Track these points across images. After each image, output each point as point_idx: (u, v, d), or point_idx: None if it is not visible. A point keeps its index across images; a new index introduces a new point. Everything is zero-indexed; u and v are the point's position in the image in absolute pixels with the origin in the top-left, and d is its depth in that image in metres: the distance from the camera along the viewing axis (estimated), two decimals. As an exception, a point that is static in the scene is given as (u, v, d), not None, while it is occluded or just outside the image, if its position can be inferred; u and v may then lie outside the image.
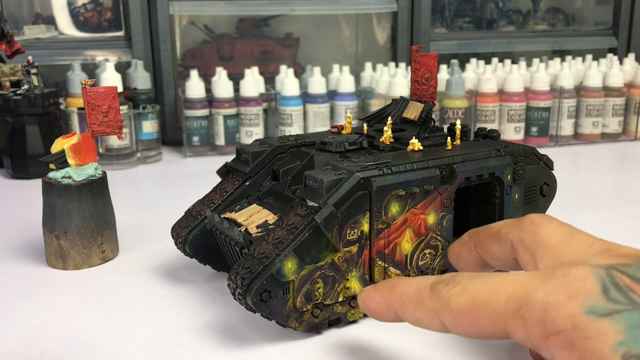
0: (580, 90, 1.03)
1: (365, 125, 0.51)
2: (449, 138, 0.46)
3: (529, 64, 1.13)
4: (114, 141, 0.90)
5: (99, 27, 1.07)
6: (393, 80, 0.95)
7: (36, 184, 0.57)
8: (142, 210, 0.69)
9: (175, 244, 0.48)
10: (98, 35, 1.07)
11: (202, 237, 0.46)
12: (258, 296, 0.36)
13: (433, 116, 0.49)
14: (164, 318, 0.43)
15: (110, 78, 0.90)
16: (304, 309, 0.38)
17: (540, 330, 0.24)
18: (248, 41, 1.13)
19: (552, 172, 0.49)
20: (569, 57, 1.16)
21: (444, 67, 1.06)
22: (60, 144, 0.51)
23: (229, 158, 0.88)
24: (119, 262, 0.54)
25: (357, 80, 1.09)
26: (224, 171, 0.50)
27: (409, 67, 1.05)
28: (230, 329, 0.41)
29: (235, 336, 0.40)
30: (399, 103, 0.51)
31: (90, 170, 0.52)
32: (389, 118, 0.48)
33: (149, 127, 0.95)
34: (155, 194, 0.79)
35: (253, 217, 0.43)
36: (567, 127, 1.02)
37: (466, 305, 0.26)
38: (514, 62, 1.09)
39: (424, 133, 0.47)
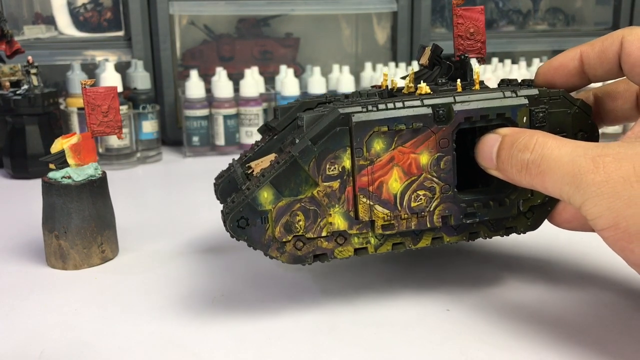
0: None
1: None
2: (459, 80, 0.44)
3: (529, 64, 1.13)
4: (114, 141, 0.90)
5: (98, 27, 1.07)
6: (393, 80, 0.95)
7: (36, 184, 0.57)
8: (142, 210, 0.69)
9: (215, 193, 0.52)
10: (98, 35, 1.07)
11: (230, 185, 0.50)
12: (235, 222, 0.39)
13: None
14: (165, 317, 0.43)
15: (110, 78, 0.90)
16: (284, 240, 0.39)
17: None
18: (248, 41, 1.13)
19: (591, 120, 0.45)
20: (569, 57, 1.16)
21: (444, 67, 1.05)
22: (60, 144, 0.51)
23: (229, 158, 0.88)
24: (119, 262, 0.54)
25: (357, 80, 1.09)
26: (263, 129, 0.52)
27: (409, 67, 1.05)
28: (230, 329, 0.41)
29: (235, 336, 0.40)
30: (420, 50, 0.50)
31: (90, 170, 0.52)
32: (411, 69, 0.48)
33: (149, 127, 0.95)
34: (155, 194, 0.79)
35: (263, 162, 0.46)
36: (567, 127, 1.02)
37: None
38: (514, 62, 1.09)
39: (441, 78, 0.46)
